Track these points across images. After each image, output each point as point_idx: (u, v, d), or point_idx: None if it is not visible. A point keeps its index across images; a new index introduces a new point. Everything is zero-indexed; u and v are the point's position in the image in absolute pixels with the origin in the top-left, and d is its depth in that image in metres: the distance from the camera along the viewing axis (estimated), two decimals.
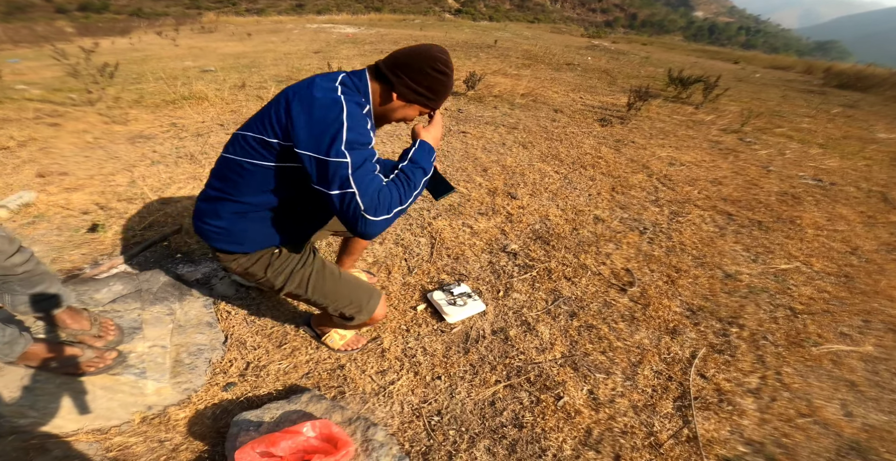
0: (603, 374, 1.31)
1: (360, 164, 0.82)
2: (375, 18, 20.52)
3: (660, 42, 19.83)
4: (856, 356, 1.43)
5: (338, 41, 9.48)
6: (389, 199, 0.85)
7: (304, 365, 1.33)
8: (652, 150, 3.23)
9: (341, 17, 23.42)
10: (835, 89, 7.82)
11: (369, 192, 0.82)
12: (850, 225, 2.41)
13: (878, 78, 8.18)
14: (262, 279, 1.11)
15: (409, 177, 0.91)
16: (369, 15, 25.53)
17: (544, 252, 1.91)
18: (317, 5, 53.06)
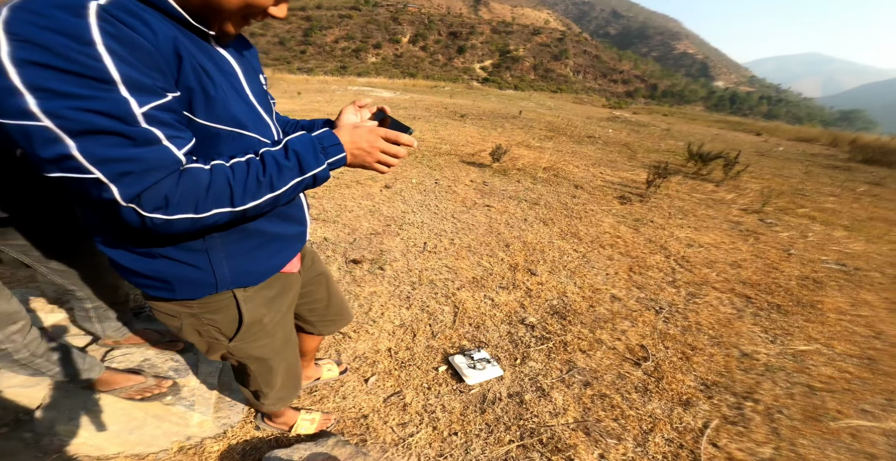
0: (614, 440, 1.36)
1: (88, 122, 0.47)
2: (410, 84, 23.06)
3: (681, 113, 20.88)
4: (877, 431, 1.40)
5: (373, 105, 10.85)
6: (201, 191, 0.56)
7: (331, 413, 1.47)
8: (670, 231, 3.42)
9: (379, 80, 26.65)
10: (861, 164, 7.89)
11: (135, 171, 0.51)
12: (875, 310, 2.40)
13: None
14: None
15: (267, 169, 0.61)
16: (404, 80, 28.67)
17: (561, 326, 2.04)
18: (357, 68, 61.55)
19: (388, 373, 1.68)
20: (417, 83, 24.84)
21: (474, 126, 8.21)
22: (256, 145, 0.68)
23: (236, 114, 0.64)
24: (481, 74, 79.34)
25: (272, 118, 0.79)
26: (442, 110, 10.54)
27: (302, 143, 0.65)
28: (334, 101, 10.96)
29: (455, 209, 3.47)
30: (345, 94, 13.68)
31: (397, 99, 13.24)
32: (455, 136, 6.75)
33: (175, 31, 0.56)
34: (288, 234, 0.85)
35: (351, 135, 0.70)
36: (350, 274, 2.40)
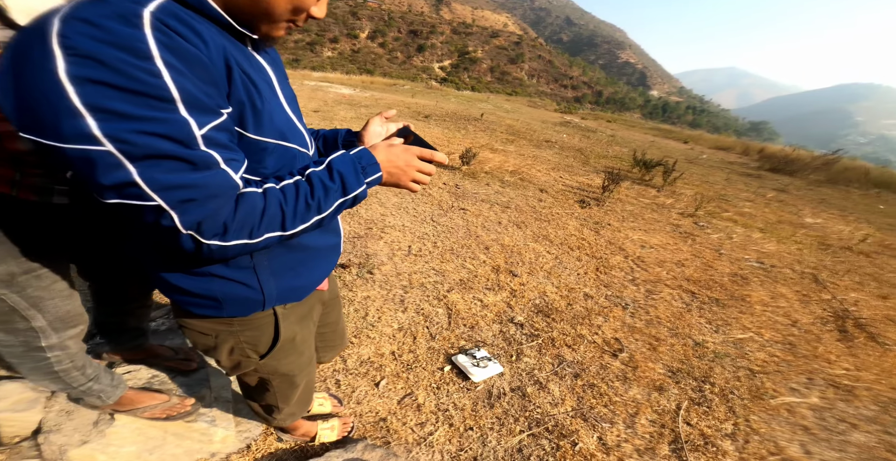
0: (608, 424, 1.58)
1: (151, 146, 0.45)
2: (368, 81, 22.58)
3: (622, 119, 22.69)
4: (805, 406, 1.76)
5: (335, 101, 10.45)
6: (256, 217, 0.56)
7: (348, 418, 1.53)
8: (625, 233, 3.80)
9: (335, 75, 25.70)
10: (768, 172, 9.14)
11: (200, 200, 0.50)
12: (789, 302, 2.90)
13: (802, 162, 9.53)
14: None
15: (315, 192, 0.61)
16: (362, 76, 27.93)
17: (546, 323, 2.25)
18: (312, 62, 59.08)
19: (396, 376, 1.77)
20: (376, 80, 24.27)
21: (439, 127, 8.29)
22: (297, 156, 0.69)
23: (279, 125, 0.63)
24: (440, 74, 79.60)
25: (304, 125, 0.77)
26: (405, 110, 10.47)
27: (344, 163, 0.65)
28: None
29: (433, 212, 3.58)
30: (301, 89, 13.02)
31: (358, 96, 12.88)
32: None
33: (223, 39, 0.54)
34: (326, 247, 0.85)
35: (387, 154, 0.70)
36: (340, 278, 2.43)
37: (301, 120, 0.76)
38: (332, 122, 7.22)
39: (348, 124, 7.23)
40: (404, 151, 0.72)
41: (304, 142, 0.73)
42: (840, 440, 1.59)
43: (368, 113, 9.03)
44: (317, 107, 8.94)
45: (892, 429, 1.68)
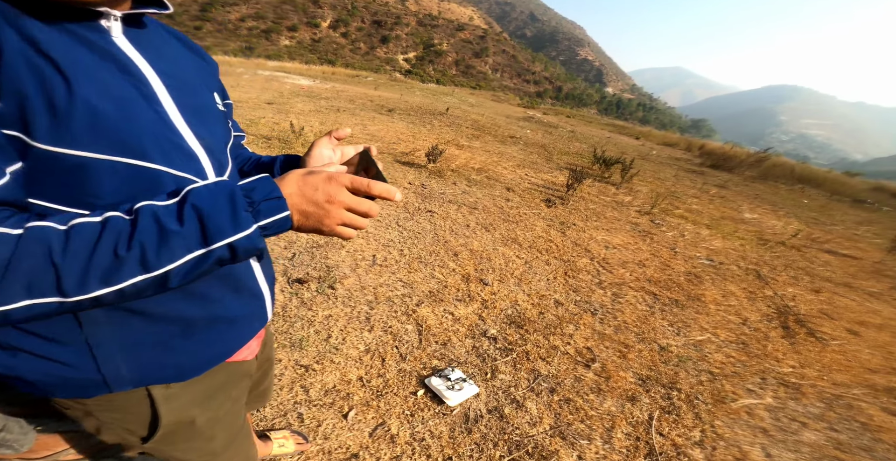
0: (586, 441, 1.57)
1: None
2: (328, 71, 21.72)
3: (580, 115, 23.69)
4: (762, 407, 1.87)
5: (292, 93, 9.94)
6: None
7: (315, 456, 1.42)
8: (590, 234, 3.88)
9: (293, 65, 24.48)
10: (709, 169, 9.81)
11: None
12: (738, 300, 3.09)
13: (738, 159, 10.36)
14: None
15: (137, 237, 0.40)
16: (322, 67, 26.71)
17: (519, 335, 2.23)
18: (268, 50, 56.07)
19: (366, 405, 1.67)
20: (337, 71, 23.28)
21: (403, 122, 8.10)
22: (168, 184, 0.48)
23: (129, 135, 0.45)
24: (404, 66, 78.28)
25: (215, 150, 0.57)
26: (368, 103, 10.13)
27: (213, 196, 0.44)
28: (241, 86, 9.73)
29: (398, 215, 3.46)
30: (254, 78, 12.21)
31: (318, 87, 12.29)
32: (385, 133, 6.60)
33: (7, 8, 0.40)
34: (233, 316, 0.62)
35: (300, 185, 0.48)
36: (297, 296, 2.27)
37: (213, 142, 0.57)
38: (287, 114, 6.81)
39: (306, 118, 6.87)
40: (327, 181, 0.49)
41: (196, 167, 0.53)
42: (794, 440, 1.69)
43: (329, 106, 8.65)
44: (271, 98, 8.43)
45: (838, 426, 1.82)
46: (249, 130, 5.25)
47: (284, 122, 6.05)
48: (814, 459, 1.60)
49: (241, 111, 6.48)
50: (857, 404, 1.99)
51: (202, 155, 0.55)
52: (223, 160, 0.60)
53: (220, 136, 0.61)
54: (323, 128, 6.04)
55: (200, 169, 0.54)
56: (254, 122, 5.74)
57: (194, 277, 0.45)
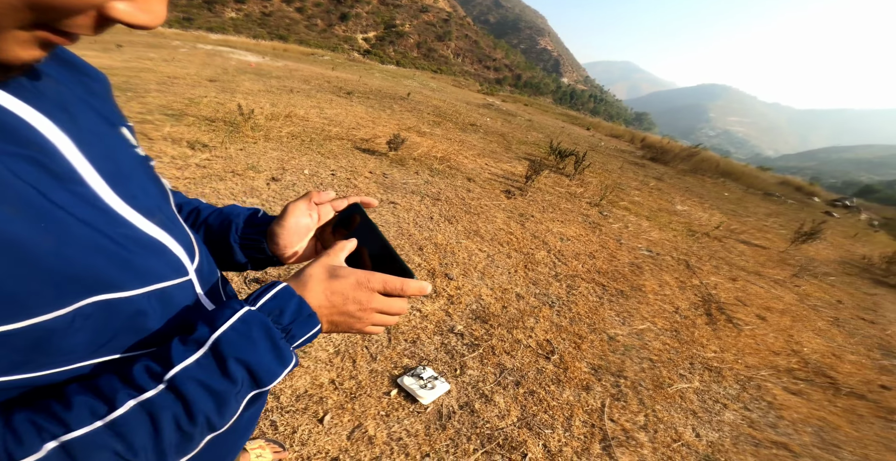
0: (549, 430, 1.74)
1: None
2: (280, 48, 20.13)
3: (536, 104, 24.29)
4: (691, 391, 2.16)
5: (238, 70, 9.13)
6: None
7: None
8: (547, 226, 4.08)
9: (240, 39, 22.25)
10: (649, 162, 10.58)
11: None
12: (672, 289, 3.46)
13: (673, 153, 11.25)
14: None
15: (196, 419, 0.36)
16: (273, 42, 24.69)
17: (485, 330, 2.34)
18: (209, 22, 49.89)
19: (341, 408, 1.70)
20: (290, 48, 21.32)
21: (363, 105, 7.75)
22: (147, 313, 0.37)
23: (82, 267, 0.31)
24: (363, 46, 73.11)
25: (168, 221, 0.43)
26: (325, 84, 9.49)
27: (250, 342, 0.38)
28: (177, 60, 8.60)
29: None
30: (193, 52, 10.82)
31: (268, 65, 11.24)
32: (344, 117, 6.29)
33: None
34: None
35: (328, 294, 0.44)
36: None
37: (154, 206, 0.42)
38: (233, 94, 6.22)
39: (255, 98, 6.31)
40: (357, 288, 0.44)
41: (165, 263, 0.40)
42: (717, 420, 1.99)
43: (281, 86, 8.03)
44: (214, 75, 7.62)
45: (750, 406, 2.17)
46: (189, 111, 4.73)
47: (230, 102, 5.53)
48: (733, 436, 1.90)
49: (179, 89, 5.80)
50: (764, 385, 2.37)
51: (165, 239, 0.41)
52: (181, 232, 0.45)
53: (161, 197, 0.45)
54: (275, 110, 5.61)
55: (172, 261, 0.41)
56: (194, 102, 5.19)
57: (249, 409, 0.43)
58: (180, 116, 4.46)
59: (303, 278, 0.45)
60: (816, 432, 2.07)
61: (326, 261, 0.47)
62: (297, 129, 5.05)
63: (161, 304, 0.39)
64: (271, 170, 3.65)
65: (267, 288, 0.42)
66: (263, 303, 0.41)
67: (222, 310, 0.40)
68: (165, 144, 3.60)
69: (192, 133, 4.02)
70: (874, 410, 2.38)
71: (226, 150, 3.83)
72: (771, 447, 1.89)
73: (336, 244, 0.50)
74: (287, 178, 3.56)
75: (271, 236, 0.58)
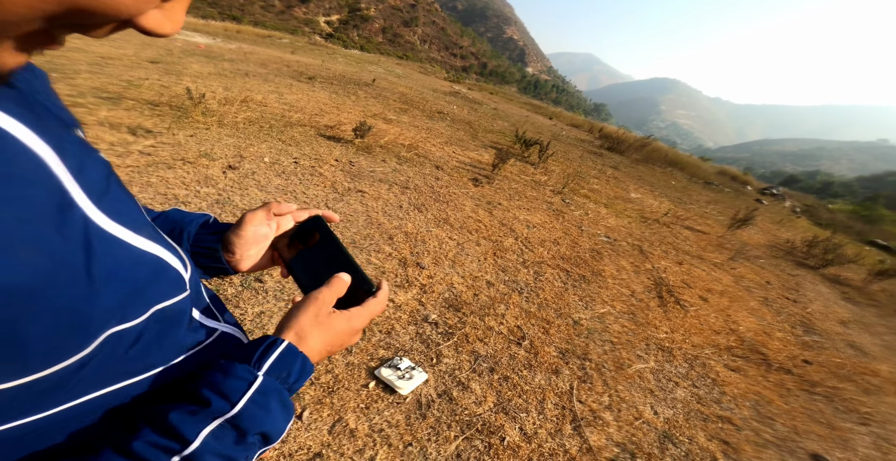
0: (524, 413, 1.83)
1: None
2: (233, 29, 18.60)
3: (501, 92, 24.42)
4: (647, 370, 2.35)
5: (184, 51, 8.35)
6: None
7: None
8: (514, 213, 4.17)
9: (185, 19, 20.49)
10: (606, 151, 11.03)
11: None
12: (628, 273, 3.69)
13: (627, 143, 11.78)
14: None
15: None
16: (224, 23, 22.85)
17: (458, 319, 2.39)
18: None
19: (319, 403, 1.68)
20: (244, 30, 19.56)
21: (326, 91, 7.35)
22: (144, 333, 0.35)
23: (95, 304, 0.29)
24: (326, 29, 67.87)
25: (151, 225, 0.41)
26: (284, 68, 8.85)
27: (270, 415, 0.38)
28: (112, 40, 7.56)
29: (327, 196, 3.27)
30: (129, 32, 9.46)
31: (219, 47, 10.23)
32: (306, 103, 5.95)
33: None
34: None
35: (325, 336, 0.44)
36: (218, 293, 2.08)
37: (140, 214, 0.39)
38: (180, 77, 5.67)
39: (205, 82, 5.79)
40: (349, 320, 0.46)
41: (170, 277, 0.39)
42: (671, 398, 2.19)
43: (234, 69, 7.42)
44: (156, 56, 6.86)
45: (698, 383, 2.40)
46: (129, 94, 4.27)
47: (177, 85, 5.05)
48: (685, 413, 2.10)
49: (115, 70, 5.19)
50: (708, 363, 2.62)
51: (161, 253, 0.38)
52: (168, 242, 0.42)
53: (138, 206, 0.41)
54: (229, 95, 5.18)
55: (173, 277, 0.39)
56: (133, 85, 4.68)
57: None
58: (118, 100, 4.03)
59: (298, 331, 0.44)
60: (754, 406, 2.34)
61: (318, 308, 0.46)
62: (255, 114, 4.73)
63: (158, 325, 0.36)
64: (227, 157, 3.41)
65: (268, 346, 0.40)
66: (271, 367, 0.39)
67: (234, 380, 0.37)
68: (102, 130, 3.25)
69: (133, 118, 3.66)
70: (799, 384, 2.72)
71: (173, 136, 3.53)
72: (717, 421, 2.12)
73: (329, 286, 0.48)
74: (246, 166, 3.35)
75: (226, 245, 0.55)
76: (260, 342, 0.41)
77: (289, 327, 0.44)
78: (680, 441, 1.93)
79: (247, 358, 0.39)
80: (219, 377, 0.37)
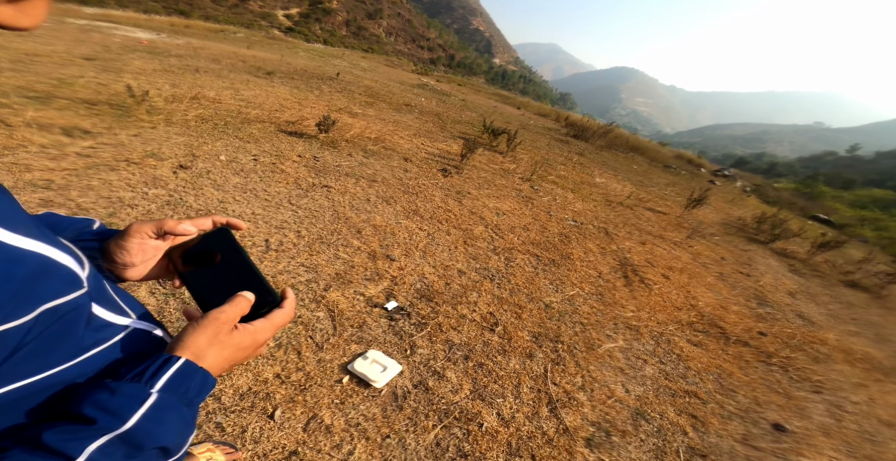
0: (501, 399, 1.85)
1: None
2: (180, 24, 17.40)
3: (469, 84, 24.36)
4: (617, 349, 2.43)
5: (124, 48, 7.78)
6: None
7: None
8: (483, 201, 4.17)
9: (124, 14, 18.88)
10: (572, 139, 11.25)
11: None
12: (594, 255, 3.80)
13: (592, 130, 12.09)
14: None
15: None
16: (171, 18, 21.33)
17: (430, 309, 2.38)
18: None
19: (291, 401, 1.64)
20: (193, 24, 18.25)
21: (286, 87, 7.04)
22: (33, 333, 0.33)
23: None
24: (285, 23, 63.81)
25: (35, 223, 0.37)
26: (239, 64, 8.37)
27: (164, 427, 0.37)
28: (39, 36, 6.90)
29: (290, 193, 3.15)
30: (60, 27, 8.72)
31: (165, 43, 9.50)
32: (264, 99, 5.67)
33: None
34: None
35: (225, 353, 0.44)
36: (174, 297, 1.97)
37: (19, 211, 0.36)
38: (119, 74, 5.27)
39: (149, 79, 5.41)
40: (253, 335, 0.46)
41: (61, 274, 0.36)
42: (641, 375, 2.28)
43: (183, 65, 6.97)
44: (91, 53, 6.33)
45: (664, 359, 2.51)
46: (60, 93, 3.92)
47: (116, 83, 4.69)
48: (654, 389, 2.19)
49: (43, 68, 4.75)
50: (673, 339, 2.75)
51: (48, 250, 0.35)
52: (57, 239, 0.39)
53: (16, 204, 0.37)
54: (177, 92, 4.86)
55: (65, 274, 0.36)
56: (65, 83, 4.30)
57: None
58: (47, 99, 3.70)
59: (196, 351, 0.42)
60: (716, 379, 2.47)
61: (217, 329, 0.44)
62: (208, 112, 4.47)
63: (51, 324, 0.35)
64: (178, 157, 3.21)
65: (162, 364, 0.40)
66: (167, 383, 0.39)
67: (123, 398, 0.36)
68: (30, 131, 2.98)
69: (67, 118, 3.37)
70: (756, 355, 2.90)
71: (115, 136, 3.29)
72: (684, 396, 2.22)
73: (232, 305, 0.46)
74: (199, 165, 3.17)
75: (107, 253, 0.51)
76: (153, 360, 0.40)
77: (184, 346, 0.42)
78: (652, 417, 2.01)
79: (137, 376, 0.38)
80: (104, 395, 0.36)
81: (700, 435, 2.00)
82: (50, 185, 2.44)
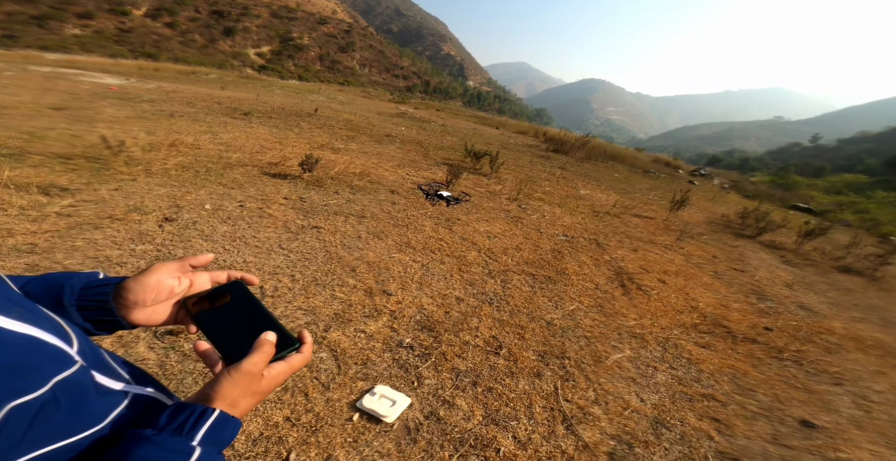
0: (515, 421, 1.82)
1: None
2: (149, 67, 17.65)
3: (447, 108, 25.03)
4: (625, 359, 2.43)
5: (93, 95, 7.84)
6: None
7: None
8: (473, 226, 4.23)
9: (90, 59, 19.12)
10: (553, 153, 11.51)
11: None
12: (589, 268, 3.84)
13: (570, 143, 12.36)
14: None
15: None
16: (138, 61, 21.57)
17: (433, 339, 2.36)
18: (42, 40, 41.04)
19: (304, 443, 1.60)
20: (163, 67, 18.68)
21: (265, 126, 7.19)
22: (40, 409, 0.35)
23: None
24: (258, 61, 66.25)
25: (21, 302, 0.40)
26: (214, 106, 8.54)
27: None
28: (3, 89, 7.05)
29: (280, 237, 3.17)
30: (24, 75, 8.96)
31: (136, 87, 9.73)
32: (244, 141, 5.78)
33: None
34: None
35: (248, 397, 0.46)
36: (174, 350, 1.94)
37: (6, 293, 0.39)
38: (92, 124, 5.35)
39: (123, 126, 5.50)
40: (275, 378, 0.48)
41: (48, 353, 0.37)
42: (653, 383, 2.27)
43: (157, 110, 7.10)
44: (59, 102, 6.44)
45: (675, 364, 2.51)
46: (33, 148, 3.96)
47: (90, 133, 4.76)
48: (670, 396, 2.18)
49: (12, 121, 4.81)
50: (679, 343, 2.75)
51: (33, 332, 0.37)
52: (46, 319, 0.41)
53: (2, 284, 0.41)
54: (154, 139, 4.95)
55: (52, 353, 0.38)
56: (37, 137, 4.34)
57: None
58: (20, 156, 3.74)
59: (231, 402, 0.45)
60: (732, 380, 2.46)
61: (250, 380, 0.46)
62: (188, 159, 4.54)
63: (66, 394, 0.37)
64: (162, 209, 3.23)
65: (199, 416, 0.42)
66: (206, 436, 0.41)
67: (169, 453, 0.39)
68: (7, 193, 2.99)
69: (43, 175, 3.39)
70: (767, 352, 2.90)
71: (95, 191, 3.31)
72: (702, 400, 2.21)
73: (260, 352, 0.48)
74: (185, 217, 3.19)
75: (120, 292, 0.52)
76: (190, 412, 0.42)
77: (220, 398, 0.44)
78: (672, 424, 1.99)
79: (178, 429, 0.40)
80: (150, 449, 0.38)
81: (727, 438, 1.98)
82: (34, 248, 2.43)
